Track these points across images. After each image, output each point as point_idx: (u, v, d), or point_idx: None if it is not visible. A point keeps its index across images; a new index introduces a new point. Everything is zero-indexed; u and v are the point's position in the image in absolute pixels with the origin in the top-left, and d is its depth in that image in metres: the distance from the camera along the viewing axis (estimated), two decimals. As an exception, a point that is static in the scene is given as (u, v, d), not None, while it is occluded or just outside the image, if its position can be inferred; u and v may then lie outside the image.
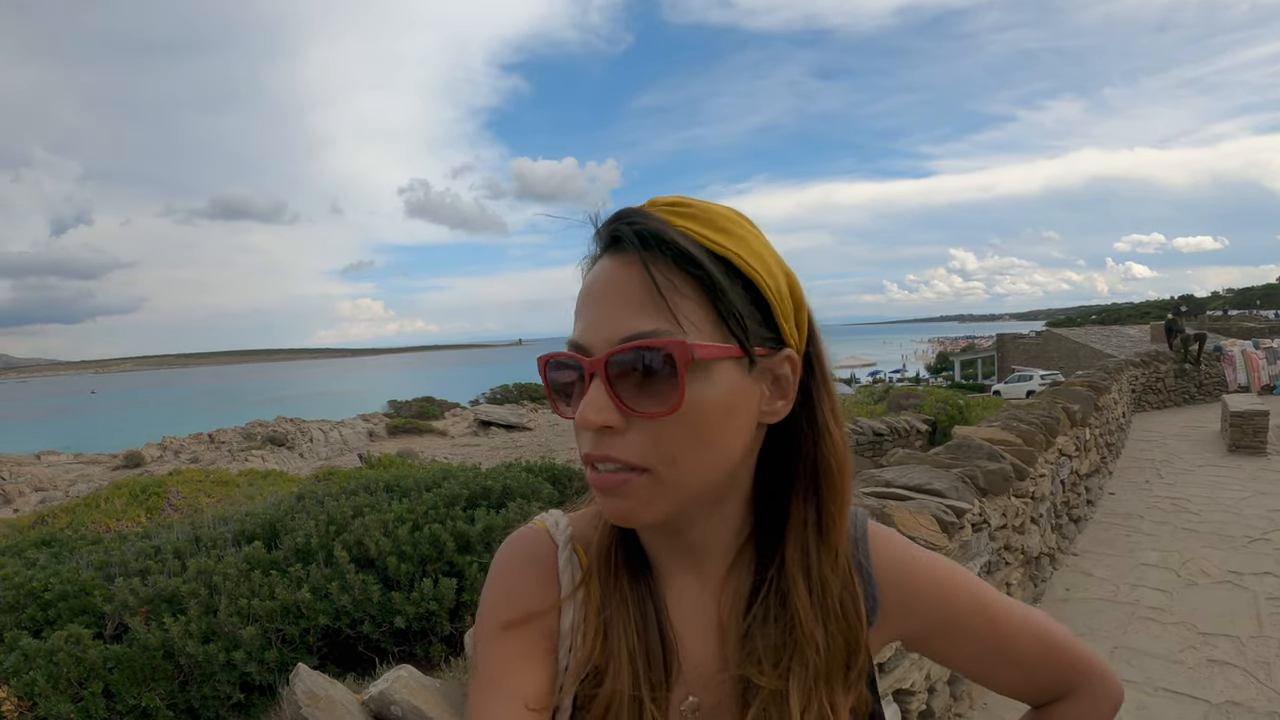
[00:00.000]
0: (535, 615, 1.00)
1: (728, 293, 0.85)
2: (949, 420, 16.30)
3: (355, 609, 5.73)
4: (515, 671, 0.97)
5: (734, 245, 0.87)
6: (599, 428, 0.85)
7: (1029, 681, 1.14)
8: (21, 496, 29.46)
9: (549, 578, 1.03)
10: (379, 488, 8.07)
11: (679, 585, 1.03)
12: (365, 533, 6.37)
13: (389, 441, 37.21)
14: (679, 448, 0.86)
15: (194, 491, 16.92)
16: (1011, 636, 1.09)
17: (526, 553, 1.06)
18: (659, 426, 0.84)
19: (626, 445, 0.85)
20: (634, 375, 0.84)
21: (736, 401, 0.88)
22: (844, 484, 0.98)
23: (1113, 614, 6.18)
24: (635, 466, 0.86)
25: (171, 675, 5.29)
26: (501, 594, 1.03)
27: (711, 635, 1.01)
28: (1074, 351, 48.51)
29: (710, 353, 0.84)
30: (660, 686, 0.97)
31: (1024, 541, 6.05)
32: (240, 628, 5.45)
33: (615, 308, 0.86)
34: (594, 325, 0.87)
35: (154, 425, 78.91)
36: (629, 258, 0.86)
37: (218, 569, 6.12)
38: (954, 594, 1.08)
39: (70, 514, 15.59)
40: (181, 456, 35.08)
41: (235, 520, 7.92)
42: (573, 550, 1.05)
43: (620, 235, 0.87)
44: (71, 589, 6.29)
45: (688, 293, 0.85)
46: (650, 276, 0.84)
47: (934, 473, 5.25)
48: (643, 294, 0.84)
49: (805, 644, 0.95)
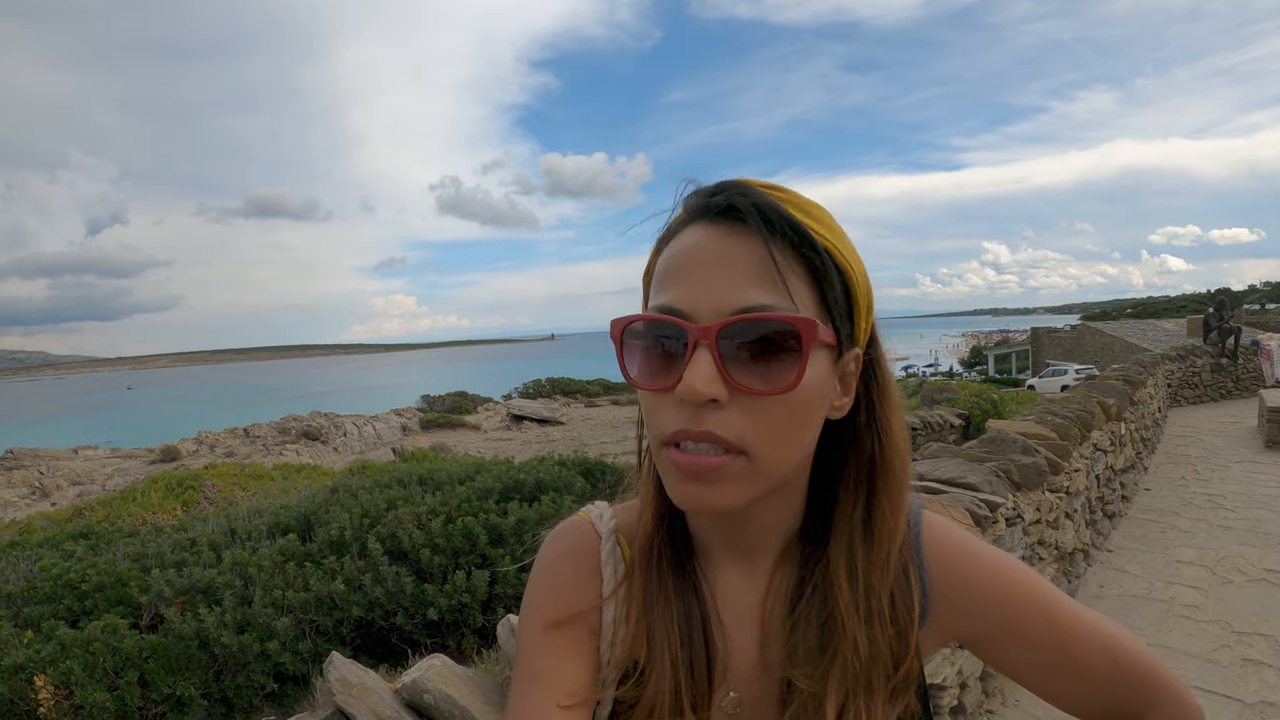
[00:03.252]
0: (579, 615, 1.00)
1: (835, 280, 0.85)
2: (982, 414, 16.19)
3: (388, 600, 5.75)
4: (558, 667, 0.96)
5: (832, 237, 0.87)
6: (704, 402, 0.81)
7: (1094, 698, 1.02)
8: (59, 490, 29.83)
9: (592, 572, 1.03)
10: (412, 481, 8.10)
11: (725, 576, 1.01)
12: (399, 525, 6.40)
13: (422, 436, 37.39)
14: (779, 431, 0.84)
15: (229, 485, 17.08)
16: (1077, 646, 0.99)
17: (570, 546, 1.06)
18: (762, 406, 0.82)
19: (728, 423, 0.82)
20: (746, 349, 0.81)
21: (826, 390, 0.88)
22: (901, 484, 0.95)
23: (1146, 611, 6.11)
24: (733, 448, 0.82)
25: (206, 665, 5.33)
26: (546, 591, 1.03)
27: (755, 630, 1.00)
28: (1109, 345, 48.09)
29: (828, 336, 0.84)
30: (703, 689, 0.97)
31: (1058, 537, 6.00)
32: (274, 618, 5.49)
33: (729, 277, 0.82)
34: (700, 292, 0.83)
35: (189, 420, 79.66)
36: (743, 230, 0.83)
37: (252, 561, 6.16)
38: (1014, 595, 0.99)
39: (107, 507, 15.77)
40: (217, 451, 35.42)
41: (270, 513, 7.99)
42: (616, 542, 1.04)
43: (738, 206, 0.84)
44: (108, 580, 6.35)
45: (801, 274, 0.84)
46: (770, 252, 0.82)
47: (968, 466, 5.22)
48: (760, 267, 0.82)
49: (845, 646, 0.92)
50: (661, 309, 0.84)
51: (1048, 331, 68.28)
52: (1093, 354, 51.16)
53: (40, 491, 30.08)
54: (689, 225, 0.88)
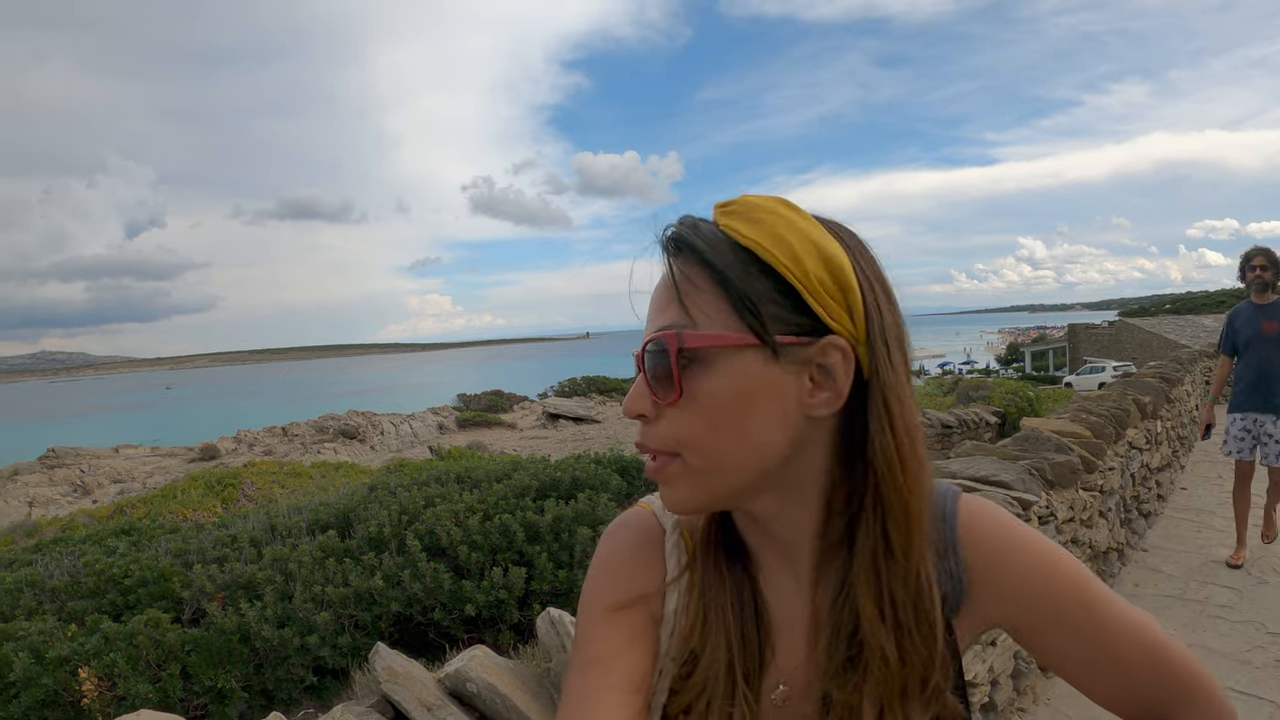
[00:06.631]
0: (642, 599, 1.01)
1: (735, 282, 0.86)
2: (1018, 412, 16.05)
3: (426, 596, 5.81)
4: (619, 654, 0.98)
5: (755, 234, 0.87)
6: (635, 415, 0.91)
7: (1130, 693, 1.01)
8: (100, 488, 30.18)
9: (655, 561, 1.04)
10: (450, 479, 8.15)
11: (775, 577, 1.02)
12: (437, 522, 6.45)
13: (458, 434, 37.54)
14: (696, 434, 0.88)
15: (268, 483, 17.24)
16: (1116, 638, 0.98)
17: (634, 536, 1.07)
18: (678, 415, 0.88)
19: (655, 434, 0.90)
20: (656, 367, 0.88)
21: (754, 390, 0.87)
22: (908, 492, 0.90)
23: (1181, 611, 6.04)
24: (664, 452, 0.90)
25: (247, 658, 5.41)
26: (609, 576, 1.04)
27: (804, 629, 1.00)
28: (1147, 342, 47.58)
29: (704, 341, 0.86)
30: (754, 672, 0.99)
31: (1092, 536, 5.95)
32: (314, 613, 5.56)
33: (655, 305, 0.92)
34: (646, 321, 0.93)
35: (228, 419, 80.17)
36: (671, 260, 0.91)
37: (293, 557, 6.25)
38: (1054, 580, 0.97)
39: (148, 504, 15.96)
40: (255, 449, 35.69)
41: (309, 510, 8.07)
42: (680, 534, 1.05)
43: (660, 240, 0.92)
44: (151, 575, 6.44)
45: (704, 286, 0.87)
46: (672, 275, 0.90)
47: (1001, 464, 5.19)
48: (668, 293, 0.90)
49: (874, 660, 0.92)
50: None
51: (1085, 328, 67.65)
52: (1131, 350, 50.67)
53: (82, 489, 30.44)
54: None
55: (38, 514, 24.56)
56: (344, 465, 23.59)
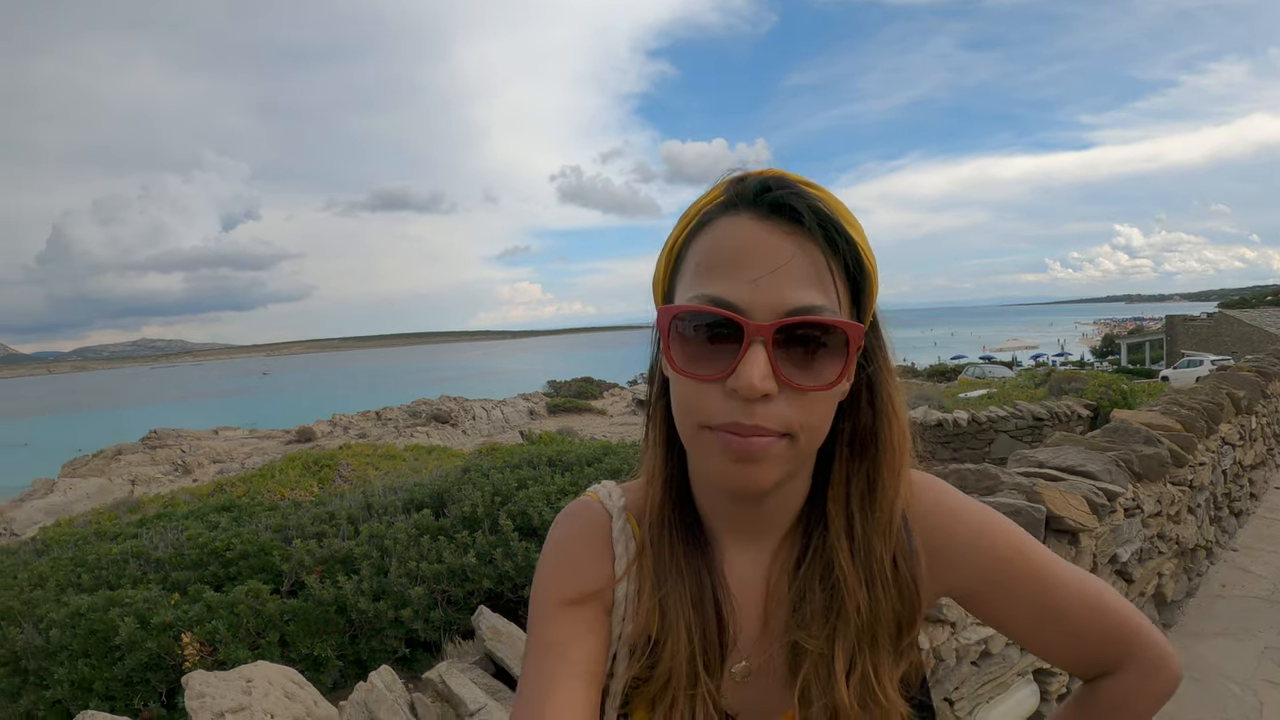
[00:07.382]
0: (593, 594, 1.04)
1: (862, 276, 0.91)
2: (1111, 405, 15.68)
3: (518, 574, 5.89)
4: (575, 640, 1.00)
5: (857, 234, 0.90)
6: (758, 397, 0.85)
7: (1079, 651, 1.08)
8: (200, 468, 31.04)
9: (604, 550, 1.07)
10: (541, 462, 8.25)
11: (732, 554, 1.06)
12: (529, 503, 6.55)
13: (549, 420, 37.90)
14: (820, 419, 0.90)
15: (363, 464, 17.55)
16: (1061, 598, 1.04)
17: (581, 525, 1.10)
18: (808, 399, 0.88)
19: (775, 415, 0.86)
20: (797, 348, 0.86)
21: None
22: (901, 453, 0.99)
23: (1269, 614, 5.85)
24: (782, 434, 0.87)
25: (342, 629, 5.57)
26: (560, 569, 1.07)
27: (761, 601, 1.05)
28: (1248, 335, 46.27)
29: (859, 335, 0.89)
30: (715, 662, 1.02)
31: (1179, 531, 5.80)
32: (408, 588, 5.69)
33: (783, 276, 0.86)
34: (755, 288, 0.86)
35: (323, 404, 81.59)
36: (794, 230, 0.87)
37: (388, 534, 6.40)
38: (997, 546, 1.04)
39: (247, 483, 16.36)
40: (350, 432, 36.40)
41: (405, 490, 8.22)
42: (626, 520, 1.08)
43: (795, 207, 0.87)
44: (251, 549, 6.65)
45: (839, 274, 0.89)
46: (823, 255, 0.87)
47: (1087, 455, 5.13)
48: (812, 269, 0.87)
49: (849, 605, 0.97)
50: (714, 301, 0.87)
51: (1184, 320, 65.84)
52: (1230, 343, 49.27)
53: (183, 468, 31.33)
54: (732, 215, 0.91)
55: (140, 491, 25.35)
56: (436, 449, 23.91)
